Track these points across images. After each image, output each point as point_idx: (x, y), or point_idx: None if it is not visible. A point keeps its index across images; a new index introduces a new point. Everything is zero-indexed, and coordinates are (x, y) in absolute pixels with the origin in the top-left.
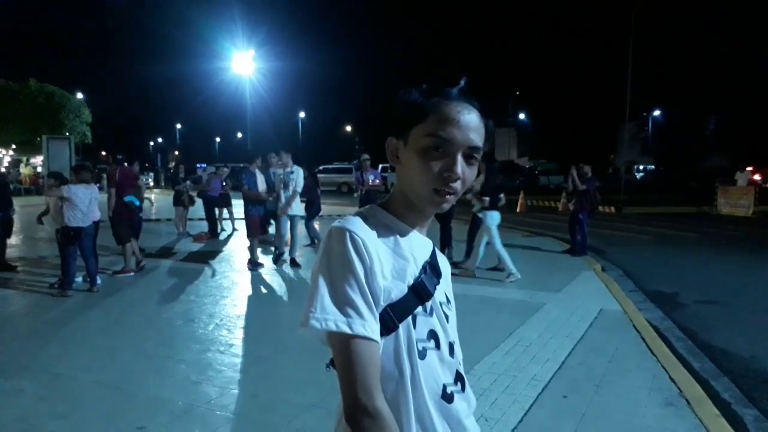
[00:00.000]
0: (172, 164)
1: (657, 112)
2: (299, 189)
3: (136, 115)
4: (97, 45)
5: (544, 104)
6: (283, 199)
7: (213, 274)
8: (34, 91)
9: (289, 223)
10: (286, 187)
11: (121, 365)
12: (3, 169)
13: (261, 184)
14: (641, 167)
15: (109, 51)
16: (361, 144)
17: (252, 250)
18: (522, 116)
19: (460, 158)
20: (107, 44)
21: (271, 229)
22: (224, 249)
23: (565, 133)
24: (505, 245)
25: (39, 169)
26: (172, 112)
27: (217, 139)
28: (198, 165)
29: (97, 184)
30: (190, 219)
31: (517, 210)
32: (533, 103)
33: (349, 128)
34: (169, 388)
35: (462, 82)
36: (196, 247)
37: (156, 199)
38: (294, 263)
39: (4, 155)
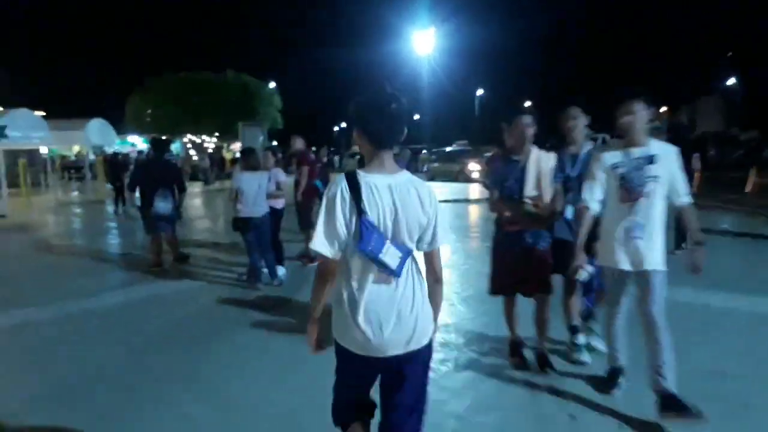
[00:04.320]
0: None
1: None
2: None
3: (321, 100)
4: (285, 34)
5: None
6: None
7: None
8: (231, 81)
9: None
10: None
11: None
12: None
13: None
14: None
15: (295, 39)
16: (541, 119)
17: None
18: (732, 81)
19: None
20: (294, 33)
21: None
22: None
23: None
24: (745, 235)
25: (237, 155)
26: (354, 96)
27: None
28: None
29: (289, 168)
30: None
31: (747, 189)
32: (748, 66)
33: (528, 103)
34: None
35: None
36: None
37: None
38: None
39: (208, 142)
